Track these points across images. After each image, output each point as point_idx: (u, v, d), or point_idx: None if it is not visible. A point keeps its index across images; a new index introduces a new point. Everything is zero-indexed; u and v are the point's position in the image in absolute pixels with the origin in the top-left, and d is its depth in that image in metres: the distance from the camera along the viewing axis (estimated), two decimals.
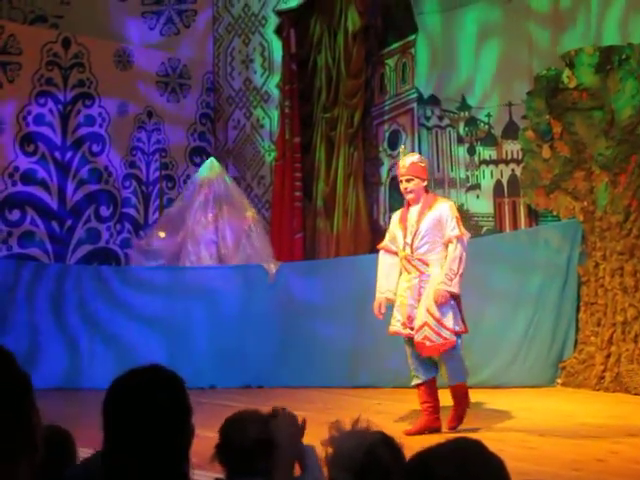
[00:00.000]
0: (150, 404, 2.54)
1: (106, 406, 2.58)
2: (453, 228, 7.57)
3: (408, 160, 7.85)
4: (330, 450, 2.83)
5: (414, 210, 7.76)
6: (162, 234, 11.58)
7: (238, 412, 3.45)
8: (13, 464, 1.84)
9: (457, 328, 7.56)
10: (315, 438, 3.21)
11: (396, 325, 7.75)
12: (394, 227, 7.95)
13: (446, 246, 7.60)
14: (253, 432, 3.26)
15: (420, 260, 7.65)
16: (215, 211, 11.53)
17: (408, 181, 7.76)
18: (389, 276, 7.83)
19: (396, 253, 7.84)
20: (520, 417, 8.17)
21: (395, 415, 8.33)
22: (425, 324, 7.51)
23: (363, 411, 8.72)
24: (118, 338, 10.64)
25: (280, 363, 10.47)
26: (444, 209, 7.67)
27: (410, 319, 7.63)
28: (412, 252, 7.68)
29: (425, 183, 7.83)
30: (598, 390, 9.55)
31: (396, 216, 8.03)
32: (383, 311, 7.79)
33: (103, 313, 10.86)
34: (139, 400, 2.55)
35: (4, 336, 10.27)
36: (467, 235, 7.72)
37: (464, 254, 7.53)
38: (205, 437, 3.16)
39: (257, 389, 10.27)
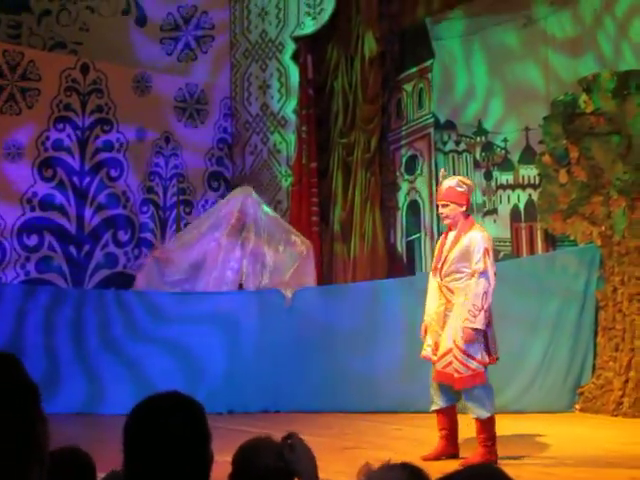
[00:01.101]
0: (170, 430, 2.56)
1: (126, 431, 2.61)
2: (478, 261, 7.43)
3: (445, 184, 7.77)
4: None
5: (451, 236, 7.72)
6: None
7: (250, 440, 3.43)
8: (24, 466, 1.84)
9: (486, 359, 7.48)
10: (330, 463, 3.20)
11: (427, 350, 7.69)
12: (435, 251, 7.97)
13: (472, 277, 7.50)
14: (266, 461, 3.23)
15: (447, 288, 7.61)
16: (243, 238, 11.47)
17: (444, 206, 7.69)
18: (434, 299, 7.75)
19: None
20: (538, 443, 8.12)
21: (414, 440, 8.30)
22: (449, 354, 7.45)
23: (381, 436, 8.68)
24: (137, 363, 10.62)
25: (298, 388, 10.44)
26: (475, 239, 7.53)
27: (437, 345, 7.60)
28: (441, 279, 7.65)
29: (463, 208, 7.68)
30: (616, 416, 9.49)
31: (439, 239, 8.06)
32: None
33: (122, 338, 10.84)
34: (159, 426, 2.58)
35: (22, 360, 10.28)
36: (493, 268, 7.48)
37: (489, 289, 7.39)
38: (223, 462, 3.16)
39: (274, 414, 10.23)
